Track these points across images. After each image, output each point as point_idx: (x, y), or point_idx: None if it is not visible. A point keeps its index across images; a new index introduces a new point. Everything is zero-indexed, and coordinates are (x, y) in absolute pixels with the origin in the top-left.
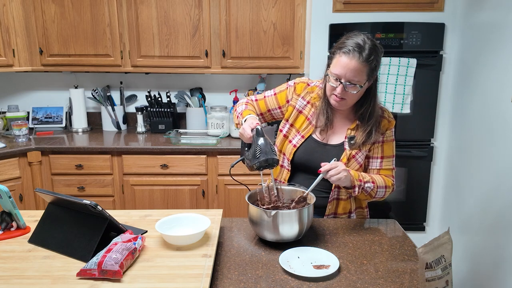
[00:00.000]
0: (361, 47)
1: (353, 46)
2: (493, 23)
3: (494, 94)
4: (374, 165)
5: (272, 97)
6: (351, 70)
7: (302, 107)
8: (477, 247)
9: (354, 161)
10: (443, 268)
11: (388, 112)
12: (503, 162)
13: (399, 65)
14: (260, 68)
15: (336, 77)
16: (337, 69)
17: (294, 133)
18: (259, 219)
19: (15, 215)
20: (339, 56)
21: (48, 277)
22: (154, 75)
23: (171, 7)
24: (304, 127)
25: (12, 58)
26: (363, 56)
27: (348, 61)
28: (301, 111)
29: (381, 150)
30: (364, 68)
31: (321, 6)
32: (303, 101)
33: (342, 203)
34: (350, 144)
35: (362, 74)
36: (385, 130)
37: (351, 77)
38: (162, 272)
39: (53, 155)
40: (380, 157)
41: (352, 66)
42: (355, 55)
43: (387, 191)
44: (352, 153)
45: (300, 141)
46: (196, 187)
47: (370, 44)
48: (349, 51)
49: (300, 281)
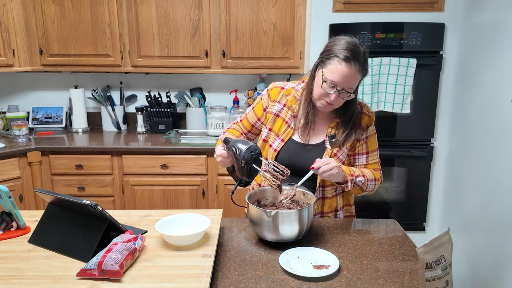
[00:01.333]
0: (359, 55)
1: (353, 55)
2: (493, 23)
3: (494, 94)
4: (360, 161)
5: (251, 112)
6: (350, 79)
7: (279, 111)
8: (477, 247)
9: (336, 159)
10: (443, 268)
11: (367, 107)
12: (503, 162)
13: (399, 65)
14: (260, 68)
15: (333, 84)
16: (335, 77)
17: (274, 137)
18: (259, 219)
19: (15, 215)
20: (338, 63)
21: (48, 277)
22: (154, 75)
23: (171, 7)
24: (283, 130)
25: (12, 58)
26: (362, 64)
27: (349, 71)
28: (278, 115)
29: (365, 146)
30: (360, 76)
31: (321, 6)
32: (279, 105)
33: (328, 202)
34: (331, 143)
35: (357, 81)
36: (366, 126)
37: (348, 85)
38: (162, 272)
39: (53, 155)
40: (366, 153)
41: (352, 75)
42: (356, 64)
43: (376, 183)
44: (333, 151)
45: (280, 145)
46: (196, 187)
47: (364, 50)
48: (349, 59)
49: (300, 281)
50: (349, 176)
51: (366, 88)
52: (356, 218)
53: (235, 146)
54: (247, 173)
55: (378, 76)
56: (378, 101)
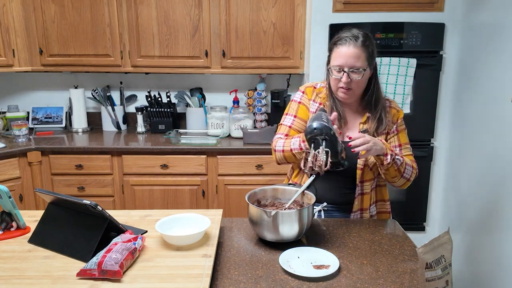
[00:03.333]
0: (354, 35)
1: (348, 36)
2: (493, 23)
3: (494, 94)
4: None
5: (296, 121)
6: (351, 57)
7: (316, 109)
8: (477, 247)
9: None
10: (443, 268)
11: (395, 103)
12: (503, 162)
13: (399, 65)
14: (260, 68)
15: (339, 68)
16: (338, 60)
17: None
18: (259, 219)
19: (15, 215)
20: (336, 48)
21: (48, 277)
22: (154, 75)
23: (171, 7)
24: None
25: (12, 58)
26: (358, 41)
27: (346, 49)
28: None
29: (397, 139)
30: (363, 53)
31: (321, 6)
32: (315, 104)
33: (366, 197)
34: None
35: (362, 59)
36: (396, 120)
37: (353, 63)
38: (162, 272)
39: (53, 155)
40: (398, 145)
41: (351, 52)
42: (351, 42)
43: (413, 172)
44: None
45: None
46: (196, 187)
47: (363, 33)
48: (345, 41)
49: (300, 281)
50: (388, 149)
51: None
52: (358, 219)
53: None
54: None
55: (379, 74)
56: None
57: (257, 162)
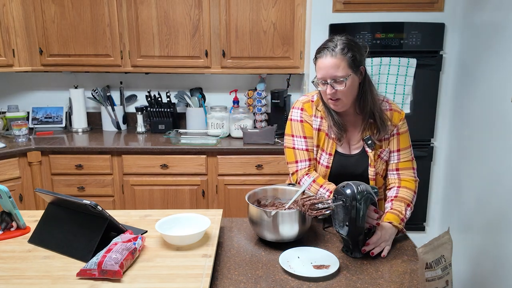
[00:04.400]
0: (332, 45)
1: (325, 47)
2: (493, 23)
3: (494, 94)
4: (392, 159)
5: (307, 142)
6: (329, 67)
7: (319, 124)
8: (477, 247)
9: (380, 160)
10: (443, 268)
11: (395, 105)
12: (503, 162)
13: (399, 65)
14: (260, 68)
15: (322, 80)
16: (319, 73)
17: (320, 152)
18: (259, 219)
19: (15, 215)
20: (317, 61)
21: (48, 277)
22: (154, 75)
23: (171, 7)
24: (327, 144)
25: (12, 58)
26: (336, 51)
27: (324, 60)
28: (319, 129)
29: (397, 143)
30: (341, 61)
31: (321, 6)
32: (317, 119)
33: (380, 203)
34: (369, 145)
35: (342, 68)
36: (397, 121)
37: (332, 73)
38: (162, 272)
39: (53, 155)
40: (397, 150)
41: (328, 63)
42: (327, 53)
43: (415, 195)
44: (376, 153)
45: (330, 160)
46: (196, 187)
47: (343, 39)
48: (322, 52)
49: (300, 281)
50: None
51: None
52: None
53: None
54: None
55: (378, 76)
56: None
57: (257, 162)
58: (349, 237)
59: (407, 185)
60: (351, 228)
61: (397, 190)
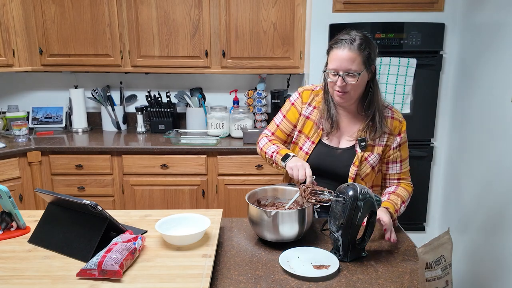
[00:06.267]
0: (350, 38)
1: (343, 39)
2: (493, 23)
3: (494, 94)
4: (394, 170)
5: (284, 121)
6: (345, 60)
7: (309, 113)
8: (477, 247)
9: (366, 163)
10: (443, 268)
11: (398, 113)
12: (503, 162)
13: (399, 65)
14: (260, 68)
15: (334, 71)
16: (332, 64)
17: (304, 139)
18: (259, 219)
19: (15, 215)
20: (332, 51)
21: (48, 277)
22: (154, 75)
23: (171, 7)
24: (313, 132)
25: (12, 58)
26: (354, 45)
27: (341, 52)
28: (308, 117)
29: (399, 154)
30: (358, 56)
31: (321, 6)
32: (310, 107)
33: None
34: (361, 146)
35: (357, 63)
36: (398, 132)
37: (347, 66)
38: (162, 272)
39: (53, 155)
40: (400, 161)
41: (345, 55)
42: (345, 45)
43: (410, 197)
44: (364, 155)
45: (312, 147)
46: (196, 187)
47: (361, 36)
48: (341, 44)
49: (300, 281)
50: (394, 214)
51: None
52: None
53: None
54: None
55: (378, 76)
56: None
57: (257, 162)
58: (342, 238)
59: (404, 187)
60: (346, 228)
61: (395, 188)
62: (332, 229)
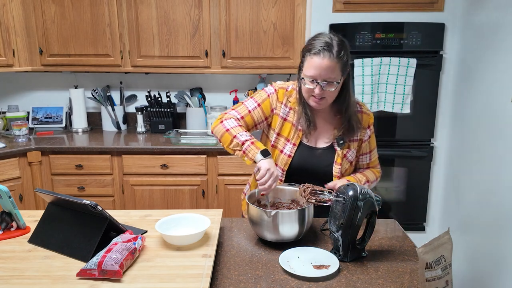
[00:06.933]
0: (329, 45)
1: (322, 46)
2: (493, 23)
3: (494, 94)
4: (364, 161)
5: (257, 110)
6: (324, 69)
7: (286, 114)
8: (477, 247)
9: (345, 160)
10: (443, 268)
11: (364, 106)
12: (503, 162)
13: (399, 65)
14: (260, 68)
15: (312, 79)
16: (311, 71)
17: (284, 142)
18: (259, 219)
19: (15, 215)
20: (310, 58)
21: (48, 277)
22: (154, 75)
23: (171, 7)
24: (293, 134)
25: (12, 58)
26: (334, 53)
27: (321, 61)
28: (285, 119)
29: (369, 145)
30: (337, 64)
31: (321, 6)
32: (286, 108)
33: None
34: (339, 144)
35: (336, 71)
36: (368, 126)
37: (326, 75)
38: (162, 272)
39: (53, 155)
40: (369, 152)
41: (324, 65)
42: (325, 54)
43: (377, 181)
44: (343, 152)
45: (294, 150)
46: (196, 187)
47: (338, 40)
48: (319, 51)
49: (300, 281)
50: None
51: (366, 88)
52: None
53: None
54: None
55: (378, 76)
56: (378, 101)
57: None
58: (342, 238)
59: (373, 171)
60: (346, 228)
61: (363, 170)
62: (332, 229)
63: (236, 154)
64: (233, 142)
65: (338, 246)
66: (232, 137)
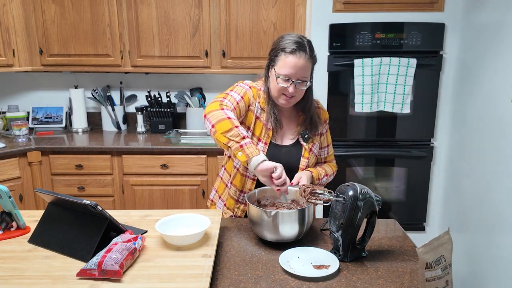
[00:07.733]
0: (303, 45)
1: (297, 46)
2: (493, 23)
3: (494, 94)
4: (323, 154)
5: (242, 103)
6: (300, 69)
7: (259, 113)
8: (477, 247)
9: (312, 154)
10: (443, 268)
11: (321, 103)
12: (503, 162)
13: (399, 65)
14: (260, 68)
15: (287, 77)
16: (286, 70)
17: (256, 141)
18: (259, 219)
19: (15, 215)
20: (285, 57)
21: (48, 277)
22: (154, 75)
23: (171, 7)
24: (264, 133)
25: (12, 58)
26: (308, 53)
27: (297, 60)
28: (258, 117)
29: (326, 139)
30: (310, 64)
31: (321, 6)
32: (259, 107)
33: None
34: (305, 139)
35: (309, 70)
36: (324, 120)
37: (301, 74)
38: (162, 272)
39: (53, 155)
40: (327, 146)
41: (301, 64)
42: (301, 53)
43: (333, 175)
44: (309, 147)
45: (265, 148)
46: (196, 187)
47: (307, 41)
48: (295, 51)
49: (300, 281)
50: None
51: (366, 88)
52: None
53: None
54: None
55: (378, 76)
56: (378, 101)
57: None
58: (342, 238)
59: (330, 165)
60: (346, 228)
61: (321, 164)
62: (332, 229)
63: (229, 145)
64: (233, 131)
65: (338, 246)
66: (234, 126)
